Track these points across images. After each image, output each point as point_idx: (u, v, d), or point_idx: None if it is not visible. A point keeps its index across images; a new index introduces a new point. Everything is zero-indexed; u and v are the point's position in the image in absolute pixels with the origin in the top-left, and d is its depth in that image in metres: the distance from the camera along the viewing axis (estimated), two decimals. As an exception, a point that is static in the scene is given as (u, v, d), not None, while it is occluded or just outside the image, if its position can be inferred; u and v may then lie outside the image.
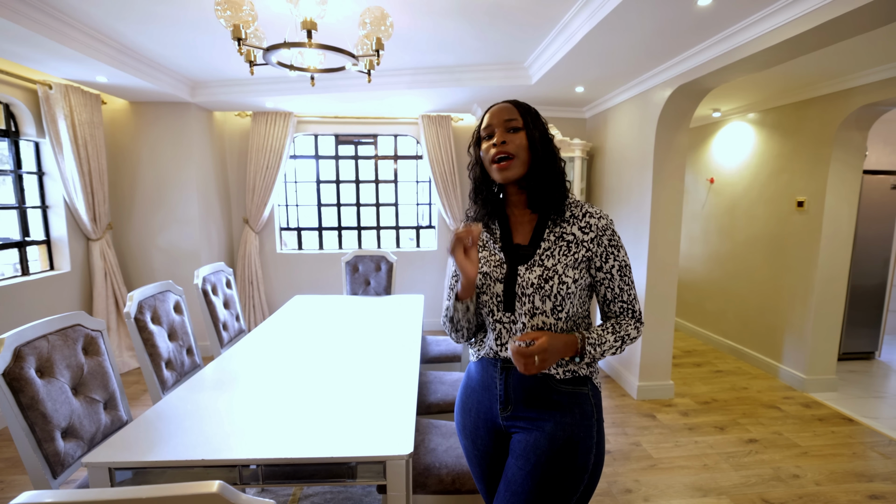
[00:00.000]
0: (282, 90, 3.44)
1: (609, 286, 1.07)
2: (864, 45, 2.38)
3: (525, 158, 1.06)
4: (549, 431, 1.06)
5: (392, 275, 3.42)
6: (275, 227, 4.44)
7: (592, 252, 1.04)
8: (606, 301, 1.09)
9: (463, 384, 1.28)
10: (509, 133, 1.07)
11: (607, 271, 1.06)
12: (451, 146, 4.32)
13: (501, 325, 1.10)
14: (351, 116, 4.31)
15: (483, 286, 1.11)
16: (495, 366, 1.13)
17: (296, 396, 1.62)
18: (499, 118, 1.08)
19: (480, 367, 1.18)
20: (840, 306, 3.22)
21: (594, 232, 1.04)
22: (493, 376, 1.13)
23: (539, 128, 1.08)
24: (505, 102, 1.11)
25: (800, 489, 2.23)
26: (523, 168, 1.06)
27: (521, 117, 1.07)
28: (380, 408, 1.54)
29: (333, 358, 2.02)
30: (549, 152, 1.08)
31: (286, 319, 2.63)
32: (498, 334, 1.11)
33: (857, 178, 3.09)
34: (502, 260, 1.11)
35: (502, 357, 1.10)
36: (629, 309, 1.09)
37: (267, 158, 4.12)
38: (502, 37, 2.60)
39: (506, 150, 1.05)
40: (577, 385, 1.08)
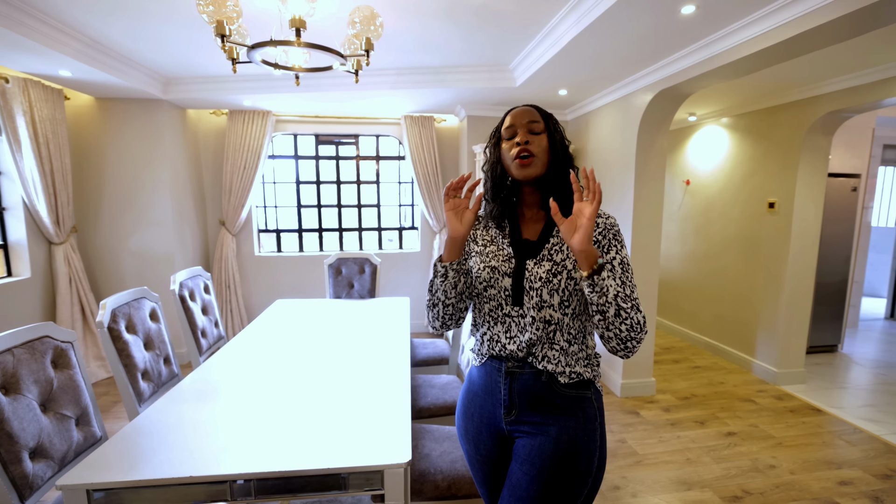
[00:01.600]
0: (261, 88, 3.35)
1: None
2: (829, 55, 2.49)
3: (545, 159, 1.09)
4: (554, 436, 1.06)
5: (376, 277, 3.38)
6: (253, 229, 4.32)
7: (598, 244, 1.05)
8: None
9: (464, 389, 1.27)
10: (531, 134, 1.09)
11: (609, 261, 1.04)
12: (434, 147, 4.30)
13: (511, 318, 1.10)
14: (332, 116, 4.24)
15: (491, 280, 1.11)
16: (499, 370, 1.13)
17: (284, 406, 1.57)
18: (521, 119, 1.10)
19: (483, 372, 1.18)
20: (808, 303, 3.37)
21: (601, 227, 1.06)
22: (497, 380, 1.13)
23: (559, 133, 1.12)
24: (527, 105, 1.14)
25: (776, 479, 2.32)
26: (542, 168, 1.09)
27: (543, 120, 1.11)
28: (373, 415, 1.51)
29: (321, 364, 1.97)
30: (567, 157, 1.12)
31: (268, 325, 2.55)
32: (507, 327, 1.11)
33: (822, 180, 3.24)
34: (510, 255, 1.12)
35: (507, 353, 1.10)
36: (633, 306, 1.07)
37: (244, 158, 4.00)
38: (489, 39, 2.61)
39: (528, 150, 1.08)
40: (581, 389, 1.08)
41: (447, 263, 1.11)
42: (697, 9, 1.91)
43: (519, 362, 1.10)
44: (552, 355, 1.07)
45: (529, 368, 1.09)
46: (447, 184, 1.10)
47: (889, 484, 2.29)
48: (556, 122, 1.13)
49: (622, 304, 0.97)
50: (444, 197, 1.09)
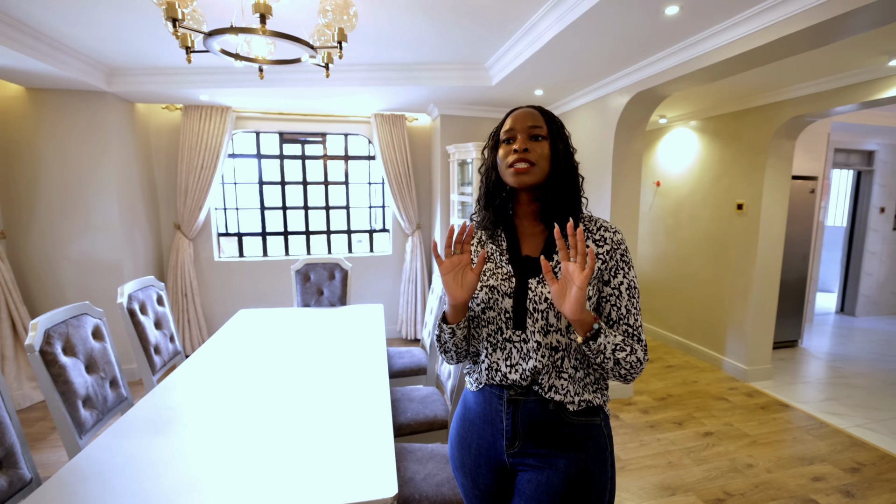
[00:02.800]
0: (220, 82, 3.10)
1: (615, 304, 0.97)
2: (793, 63, 2.54)
3: (545, 168, 0.99)
4: (563, 469, 0.96)
5: (347, 283, 3.21)
6: (212, 232, 4.03)
7: (606, 265, 0.97)
8: (610, 322, 0.98)
9: (459, 416, 1.15)
10: (532, 141, 0.99)
11: (615, 286, 0.97)
12: (406, 147, 4.16)
13: (511, 344, 1.00)
14: (297, 113, 4.02)
15: (490, 301, 1.01)
16: (500, 397, 1.02)
17: (251, 434, 1.40)
18: (523, 123, 1.00)
19: (482, 398, 1.06)
20: (774, 300, 3.47)
21: (609, 245, 0.98)
22: (498, 409, 1.02)
23: (563, 139, 1.02)
24: (530, 107, 1.03)
25: (755, 478, 2.34)
26: (541, 176, 0.99)
27: (546, 125, 1.00)
28: (352, 439, 1.37)
29: (291, 381, 1.80)
30: (570, 166, 1.02)
31: (231, 338, 2.35)
32: (508, 354, 1.00)
33: (787, 183, 3.34)
34: (510, 273, 1.01)
35: (509, 382, 1.00)
36: (634, 335, 0.96)
37: (201, 157, 3.72)
38: (465, 35, 2.50)
39: (526, 158, 0.97)
40: (590, 416, 0.99)
41: (454, 325, 1.01)
42: (681, 10, 1.87)
43: (522, 389, 1.00)
44: (560, 385, 0.97)
45: (534, 396, 0.98)
46: (444, 241, 0.98)
47: (857, 477, 2.35)
48: (562, 127, 1.03)
49: (620, 355, 0.91)
50: (436, 258, 0.97)
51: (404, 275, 4.37)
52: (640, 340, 0.96)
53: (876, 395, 3.32)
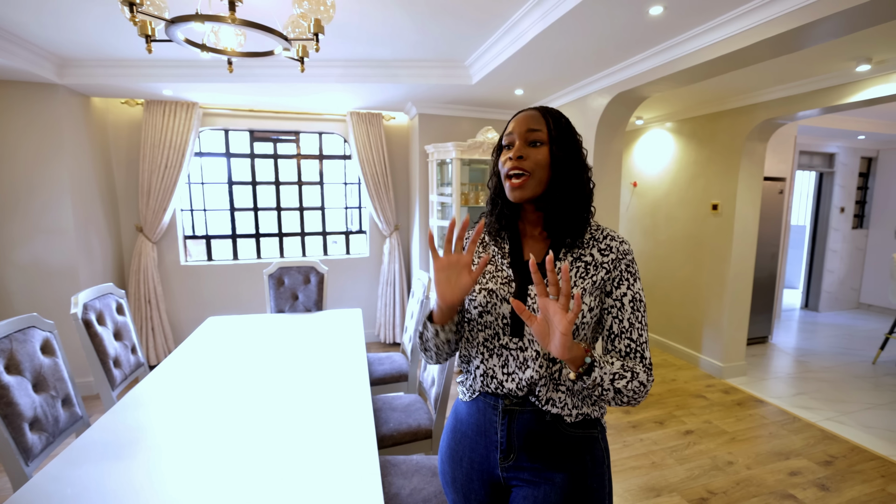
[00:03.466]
0: (185, 76, 2.93)
1: (617, 317, 0.90)
2: (767, 67, 2.59)
3: (543, 177, 0.91)
4: (560, 485, 0.91)
5: (323, 287, 3.09)
6: (177, 235, 3.82)
7: (609, 274, 0.91)
8: (612, 336, 0.91)
9: (450, 427, 1.09)
10: (529, 146, 0.92)
11: (618, 298, 0.91)
12: (383, 146, 4.06)
13: (508, 351, 0.94)
14: (269, 110, 3.86)
15: (488, 305, 0.95)
16: (495, 407, 0.96)
17: (224, 453, 1.29)
18: (521, 127, 0.93)
19: (474, 409, 1.00)
20: (748, 298, 3.55)
21: (614, 254, 0.92)
22: (493, 420, 0.96)
23: (568, 143, 0.92)
24: (532, 109, 0.96)
25: (735, 475, 2.37)
26: (540, 187, 0.91)
27: (546, 129, 0.92)
28: (333, 456, 1.28)
29: (266, 394, 1.69)
30: (576, 173, 0.92)
31: (200, 348, 2.21)
32: (504, 361, 0.94)
33: (759, 184, 3.42)
34: (510, 277, 0.96)
35: (505, 390, 0.94)
36: (637, 352, 0.89)
37: (165, 155, 3.52)
38: (445, 32, 2.43)
39: (521, 167, 0.90)
40: (588, 428, 0.94)
41: (439, 326, 0.95)
42: (665, 10, 1.86)
43: (518, 400, 0.94)
44: (558, 398, 0.92)
45: (531, 406, 0.93)
46: (446, 233, 0.90)
47: (831, 470, 2.41)
48: (567, 130, 0.93)
49: (619, 384, 0.84)
50: (432, 252, 0.89)
51: (382, 277, 4.27)
52: (643, 358, 0.89)
53: (842, 388, 3.43)
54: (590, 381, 0.83)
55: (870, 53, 2.30)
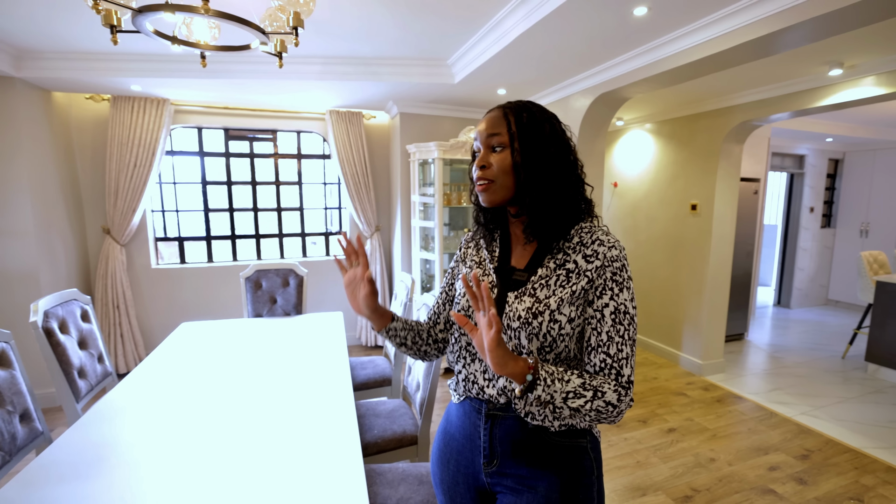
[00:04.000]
0: (155, 71, 2.80)
1: (596, 329, 0.83)
2: (744, 70, 2.63)
3: (507, 182, 0.87)
4: (543, 493, 0.88)
5: (303, 290, 3.01)
6: (148, 237, 3.66)
7: (592, 283, 0.84)
8: (588, 349, 0.84)
9: (441, 428, 1.07)
10: (493, 152, 0.88)
11: (598, 308, 0.83)
12: (364, 145, 3.98)
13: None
14: (245, 108, 3.73)
15: (469, 309, 0.94)
16: (479, 411, 0.94)
17: (200, 468, 1.22)
18: (484, 133, 0.89)
19: (462, 412, 0.99)
20: (726, 296, 3.62)
21: (600, 260, 0.83)
22: (477, 424, 0.94)
23: (533, 141, 0.85)
24: (495, 109, 0.90)
25: (717, 472, 2.40)
26: (507, 192, 0.88)
27: (506, 130, 0.86)
28: (316, 467, 1.22)
29: (244, 403, 1.61)
30: (547, 173, 0.85)
31: (172, 355, 2.10)
32: (486, 367, 0.92)
33: (736, 184, 3.49)
34: (494, 283, 0.93)
35: (487, 396, 0.92)
36: (613, 368, 0.81)
37: (134, 154, 3.37)
38: (427, 29, 2.39)
39: (485, 176, 0.87)
40: (575, 437, 0.91)
41: (381, 331, 1.01)
42: (649, 10, 1.86)
43: (501, 405, 0.91)
44: (536, 411, 0.88)
45: (513, 413, 0.90)
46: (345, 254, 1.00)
47: (808, 464, 2.46)
48: (531, 127, 0.85)
49: (575, 404, 0.78)
50: (340, 268, 1.01)
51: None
52: (618, 376, 0.80)
53: (815, 382, 3.54)
54: (532, 397, 0.78)
55: (842, 58, 2.37)
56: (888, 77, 2.42)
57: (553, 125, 0.88)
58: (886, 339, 3.50)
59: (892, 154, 5.40)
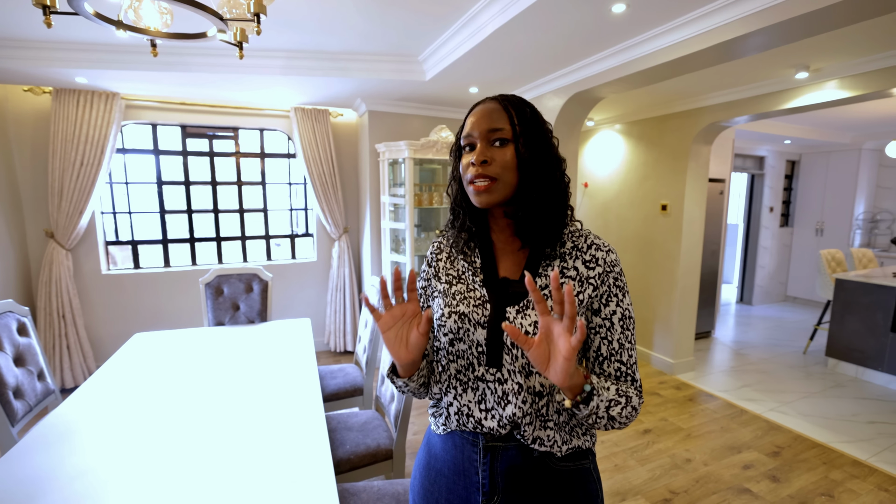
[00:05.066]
0: (101, 61, 2.58)
1: (606, 338, 0.80)
2: (713, 71, 2.66)
3: (510, 181, 0.79)
4: None
5: (268, 296, 2.85)
6: (98, 240, 3.40)
7: (597, 290, 0.80)
8: (600, 358, 0.81)
9: (422, 464, 0.95)
10: (493, 147, 0.79)
11: (606, 317, 0.80)
12: (331, 144, 3.84)
13: (485, 384, 0.82)
14: (203, 104, 3.52)
15: (459, 331, 0.83)
16: (475, 444, 0.84)
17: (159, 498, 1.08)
18: (482, 126, 0.80)
19: (450, 445, 0.88)
20: (695, 296, 3.68)
21: (601, 266, 0.80)
22: (472, 458, 0.84)
23: (536, 138, 0.79)
24: (492, 101, 0.82)
25: (694, 473, 2.40)
26: (508, 191, 0.80)
27: (509, 124, 0.78)
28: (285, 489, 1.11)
29: (205, 420, 1.47)
30: (547, 171, 0.80)
31: (125, 369, 1.92)
32: (482, 396, 0.82)
33: (704, 185, 3.55)
34: (485, 298, 0.83)
35: (485, 429, 0.82)
36: (628, 375, 0.80)
37: (80, 151, 3.11)
38: (399, 23, 2.29)
39: (486, 173, 0.78)
40: (579, 460, 0.84)
41: (405, 379, 0.86)
42: (628, 7, 1.83)
43: (501, 435, 0.82)
44: (546, 435, 0.81)
45: (515, 441, 0.82)
46: (380, 289, 0.79)
47: (779, 461, 2.51)
48: (534, 121, 0.81)
49: (614, 412, 0.75)
50: (372, 313, 0.77)
51: (331, 283, 4.04)
52: (633, 381, 0.80)
53: (780, 378, 3.64)
54: (587, 410, 0.72)
55: (808, 61, 2.42)
56: (851, 81, 2.49)
57: (546, 125, 0.83)
58: (845, 334, 3.64)
59: (844, 156, 5.68)
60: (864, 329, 3.51)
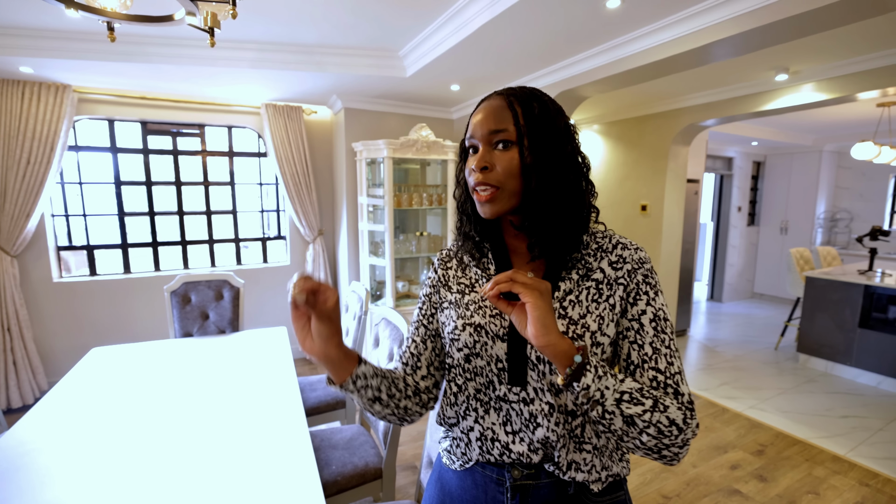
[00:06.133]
0: (50, 49, 2.35)
1: (636, 342, 0.70)
2: (692, 73, 2.67)
3: (515, 188, 0.69)
4: None
5: (239, 304, 2.68)
6: (48, 245, 3.12)
7: (625, 289, 0.71)
8: (631, 367, 0.70)
9: (434, 500, 0.85)
10: (496, 150, 0.70)
11: (634, 317, 0.70)
12: (304, 143, 3.67)
13: (508, 405, 0.72)
14: (165, 98, 3.29)
15: (476, 345, 0.73)
16: (500, 483, 0.74)
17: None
18: (483, 128, 0.70)
19: (470, 483, 0.78)
20: (675, 295, 3.72)
21: (629, 264, 0.72)
22: (498, 499, 0.74)
23: (546, 139, 0.69)
24: (497, 97, 0.72)
25: (684, 476, 2.39)
26: (514, 200, 0.70)
27: (513, 124, 0.69)
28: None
29: (176, 445, 1.32)
30: (559, 176, 0.70)
31: (81, 387, 1.73)
32: (506, 418, 0.73)
33: (683, 185, 3.59)
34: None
35: (513, 457, 0.72)
36: (669, 386, 0.67)
37: (27, 148, 2.84)
38: (380, 15, 2.18)
39: (487, 181, 0.69)
40: (615, 492, 0.76)
41: (341, 385, 0.71)
42: (623, 3, 1.78)
43: (531, 470, 0.73)
44: (582, 460, 0.71)
45: (547, 477, 0.72)
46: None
47: (764, 460, 2.53)
48: (541, 119, 0.70)
49: (631, 411, 0.62)
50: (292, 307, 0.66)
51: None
52: (677, 394, 0.66)
53: (755, 375, 3.72)
54: (579, 388, 0.61)
55: (788, 63, 2.45)
56: (828, 83, 2.54)
57: (565, 118, 0.73)
58: (815, 330, 3.76)
59: (806, 158, 5.91)
60: (834, 325, 3.63)
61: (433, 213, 3.77)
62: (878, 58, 2.27)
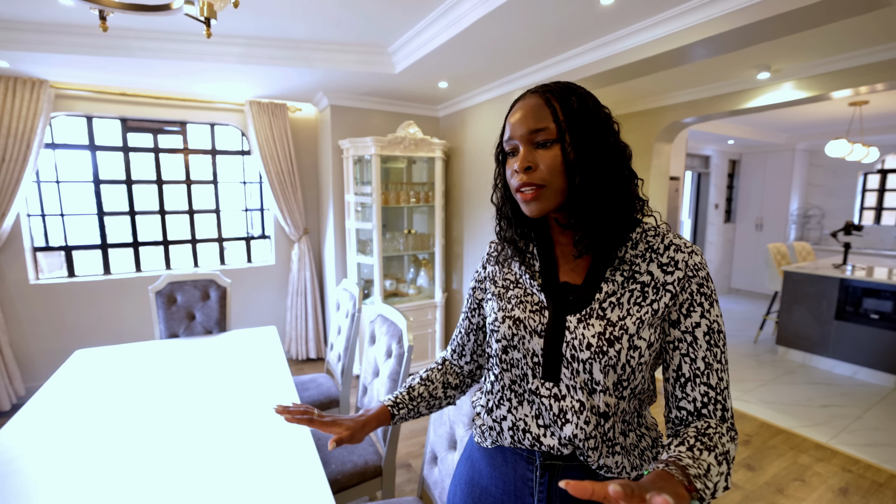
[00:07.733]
0: (27, 42, 2.24)
1: (688, 355, 0.69)
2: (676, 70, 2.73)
3: (559, 185, 0.69)
4: None
5: (226, 303, 2.63)
6: (24, 246, 3.00)
7: (675, 299, 0.69)
8: (681, 379, 0.69)
9: (463, 479, 0.87)
10: (537, 149, 0.70)
11: (688, 329, 0.69)
12: (289, 141, 3.62)
13: (539, 399, 0.73)
14: (146, 95, 3.19)
15: (514, 338, 0.74)
16: (530, 461, 0.75)
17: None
18: (522, 128, 0.70)
19: (500, 460, 0.80)
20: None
21: (681, 270, 0.69)
22: (527, 477, 0.76)
23: (587, 132, 0.69)
24: (533, 95, 0.72)
25: (672, 465, 2.44)
26: (559, 197, 0.70)
27: (554, 122, 0.68)
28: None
29: (170, 451, 1.28)
30: (604, 169, 0.69)
31: (66, 391, 1.67)
32: (538, 412, 0.73)
33: (666, 183, 3.67)
34: (543, 304, 0.75)
35: (543, 447, 0.73)
36: (718, 402, 0.68)
37: (1, 147, 2.72)
38: (371, 10, 2.16)
39: (531, 181, 0.69)
40: None
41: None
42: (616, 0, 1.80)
43: (561, 459, 0.74)
44: (614, 462, 0.71)
45: (578, 462, 0.73)
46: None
47: (751, 450, 2.60)
48: (581, 114, 0.69)
49: (723, 471, 0.61)
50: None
51: (291, 287, 3.81)
52: (724, 411, 0.68)
53: (737, 367, 3.82)
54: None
55: (770, 62, 2.53)
56: (807, 81, 2.63)
57: (604, 109, 0.73)
58: (793, 323, 3.89)
59: (780, 156, 6.11)
60: (811, 317, 3.76)
61: (419, 211, 3.76)
62: (856, 56, 2.36)
